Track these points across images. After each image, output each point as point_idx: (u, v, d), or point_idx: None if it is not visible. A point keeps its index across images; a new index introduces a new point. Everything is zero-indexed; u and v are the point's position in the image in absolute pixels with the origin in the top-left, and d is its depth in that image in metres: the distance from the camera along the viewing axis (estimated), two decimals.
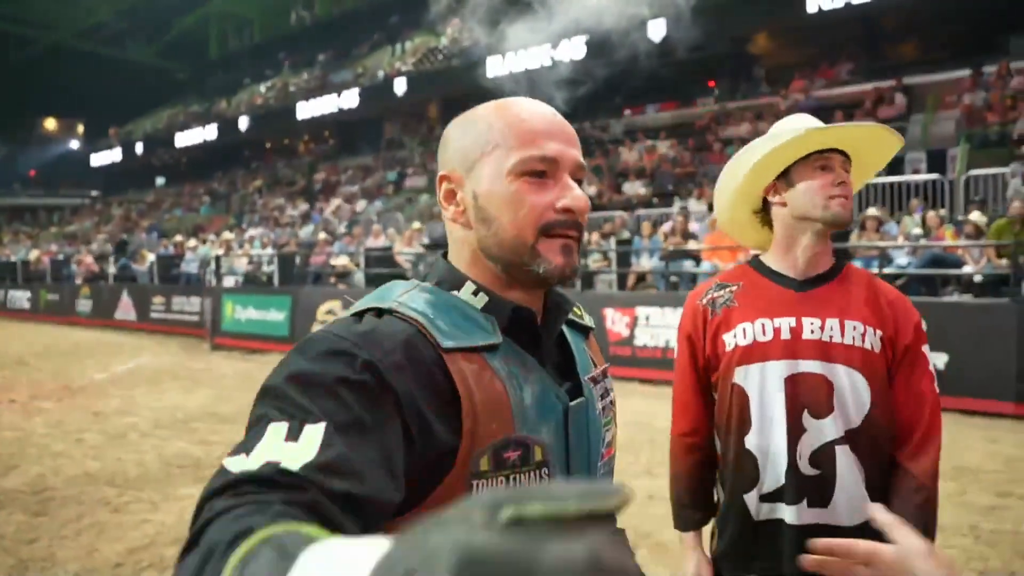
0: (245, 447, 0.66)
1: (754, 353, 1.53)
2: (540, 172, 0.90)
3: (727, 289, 1.63)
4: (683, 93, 18.49)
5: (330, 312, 10.60)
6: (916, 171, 11.67)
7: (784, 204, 1.57)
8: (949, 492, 4.39)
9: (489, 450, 0.82)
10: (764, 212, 1.64)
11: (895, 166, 12.10)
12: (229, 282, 13.46)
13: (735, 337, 1.57)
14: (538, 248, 0.89)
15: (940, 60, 14.40)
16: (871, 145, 1.59)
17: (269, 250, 14.69)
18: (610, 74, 13.62)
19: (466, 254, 0.94)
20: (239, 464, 0.63)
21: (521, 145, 0.89)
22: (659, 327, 8.30)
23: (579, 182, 0.93)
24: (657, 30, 16.62)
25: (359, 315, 0.86)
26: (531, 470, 0.85)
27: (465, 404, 0.81)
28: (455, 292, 0.91)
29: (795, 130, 1.51)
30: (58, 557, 3.49)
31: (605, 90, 15.98)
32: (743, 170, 1.58)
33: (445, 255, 0.98)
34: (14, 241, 28.35)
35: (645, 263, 10.08)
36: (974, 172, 10.55)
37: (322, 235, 13.94)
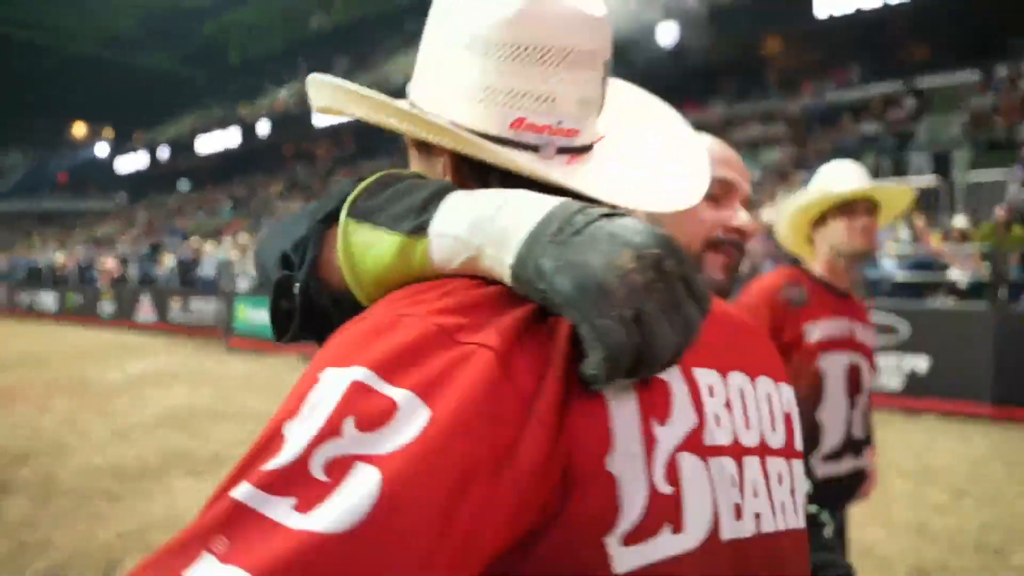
0: None
1: (832, 344, 2.00)
2: (714, 196, 1.00)
3: (797, 288, 2.05)
4: (693, 97, 18.57)
5: None
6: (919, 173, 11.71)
7: (823, 235, 2.10)
8: (906, 490, 4.52)
9: None
10: (810, 234, 2.16)
11: (900, 169, 12.14)
12: (243, 285, 13.83)
13: (818, 329, 2.00)
14: (703, 259, 0.97)
15: (949, 63, 14.38)
16: (885, 195, 2.07)
17: None
18: (620, 78, 13.75)
19: None
20: None
21: None
22: None
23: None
24: (667, 35, 16.73)
25: None
26: None
27: None
28: None
29: (821, 189, 2.08)
30: (55, 542, 3.77)
31: None
32: (790, 209, 2.12)
33: None
34: (43, 245, 29.17)
35: None
36: (976, 175, 10.56)
37: None
